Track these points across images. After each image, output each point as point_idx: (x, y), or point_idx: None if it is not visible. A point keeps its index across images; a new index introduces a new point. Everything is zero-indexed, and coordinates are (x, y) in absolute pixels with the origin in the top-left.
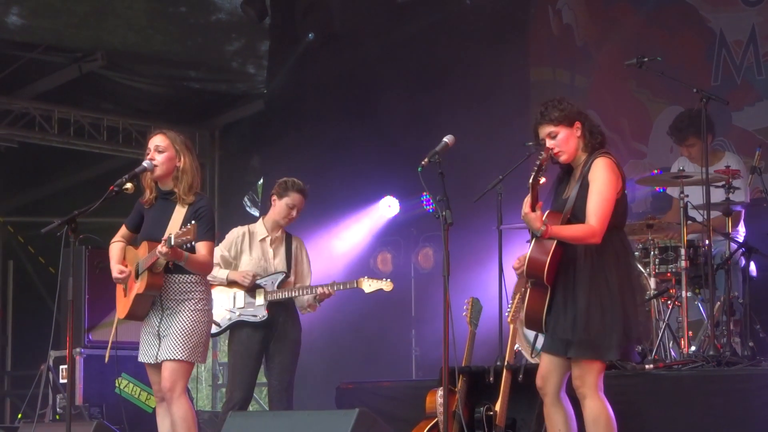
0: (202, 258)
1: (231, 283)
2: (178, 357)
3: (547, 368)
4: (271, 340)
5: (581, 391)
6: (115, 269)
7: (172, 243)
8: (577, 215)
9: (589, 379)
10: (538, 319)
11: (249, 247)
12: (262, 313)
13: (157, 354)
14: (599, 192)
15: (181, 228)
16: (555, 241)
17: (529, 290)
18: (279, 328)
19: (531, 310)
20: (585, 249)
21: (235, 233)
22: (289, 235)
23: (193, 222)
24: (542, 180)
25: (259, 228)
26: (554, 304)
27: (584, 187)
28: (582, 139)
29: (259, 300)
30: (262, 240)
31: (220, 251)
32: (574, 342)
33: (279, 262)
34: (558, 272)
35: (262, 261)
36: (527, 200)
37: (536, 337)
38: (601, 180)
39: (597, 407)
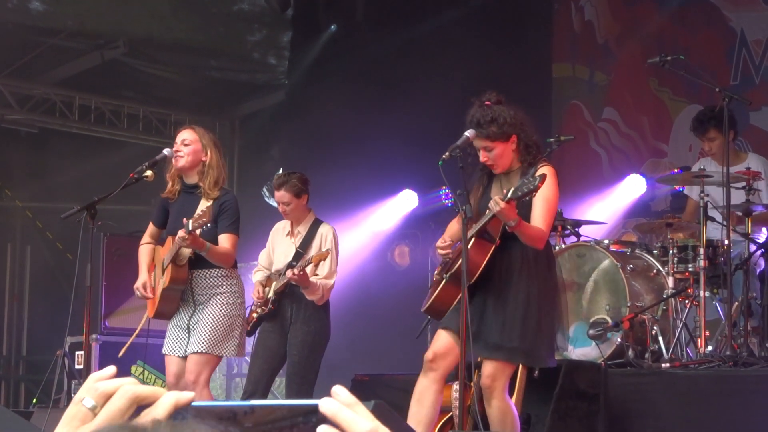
0: (224, 250)
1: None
2: (203, 350)
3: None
4: (288, 333)
5: (492, 390)
6: (139, 281)
7: (190, 227)
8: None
9: (503, 379)
10: (443, 311)
11: (278, 242)
12: (267, 306)
13: (186, 347)
14: (546, 200)
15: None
16: (493, 246)
17: (444, 282)
18: (291, 320)
19: (440, 301)
20: (521, 255)
21: (273, 229)
22: (317, 222)
23: (208, 205)
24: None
25: (286, 223)
26: (478, 305)
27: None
28: (516, 152)
29: (270, 293)
30: (287, 234)
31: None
32: (505, 347)
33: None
34: (488, 275)
35: (282, 256)
36: (501, 197)
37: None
38: (547, 188)
39: (506, 406)
